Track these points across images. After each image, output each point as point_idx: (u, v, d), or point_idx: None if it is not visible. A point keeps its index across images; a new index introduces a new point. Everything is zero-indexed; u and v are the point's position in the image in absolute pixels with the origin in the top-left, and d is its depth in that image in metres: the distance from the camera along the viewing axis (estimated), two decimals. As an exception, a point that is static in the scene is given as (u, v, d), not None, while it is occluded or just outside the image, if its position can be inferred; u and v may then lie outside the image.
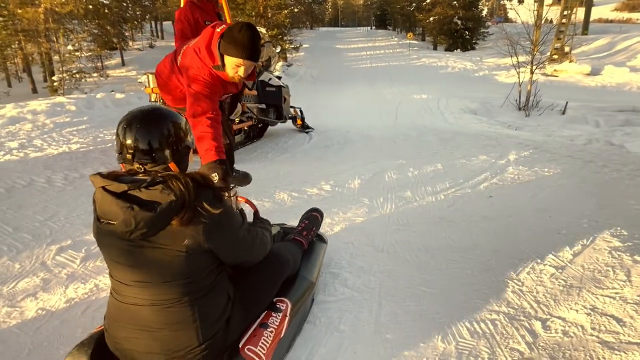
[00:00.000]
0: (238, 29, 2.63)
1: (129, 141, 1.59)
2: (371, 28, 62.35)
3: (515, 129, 10.62)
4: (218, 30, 2.77)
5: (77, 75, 17.77)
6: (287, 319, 1.90)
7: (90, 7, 21.98)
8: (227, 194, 1.74)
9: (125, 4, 26.81)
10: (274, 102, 6.97)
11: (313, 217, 2.61)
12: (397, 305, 2.23)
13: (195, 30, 4.88)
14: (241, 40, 2.62)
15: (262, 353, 1.71)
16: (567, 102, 15.14)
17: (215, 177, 2.34)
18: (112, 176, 1.56)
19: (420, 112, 12.76)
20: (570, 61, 26.43)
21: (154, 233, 1.53)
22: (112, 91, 12.55)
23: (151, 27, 40.71)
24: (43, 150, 5.43)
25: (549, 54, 26.11)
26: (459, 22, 35.35)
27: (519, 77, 15.54)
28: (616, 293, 2.31)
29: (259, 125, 6.95)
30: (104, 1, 23.02)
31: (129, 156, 1.59)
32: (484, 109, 14.76)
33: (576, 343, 1.97)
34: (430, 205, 3.52)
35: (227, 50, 2.66)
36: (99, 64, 23.06)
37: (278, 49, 7.83)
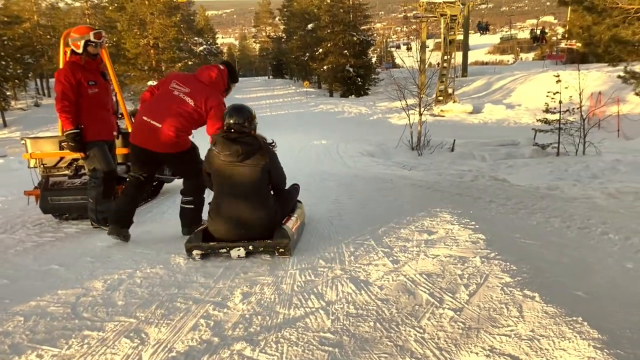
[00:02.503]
0: (233, 67, 4.56)
1: (232, 121, 3.58)
2: (269, 77, 63.53)
3: (409, 169, 11.13)
4: (222, 68, 4.36)
5: (-52, 141, 16.20)
6: (299, 222, 4.02)
7: (-37, 66, 20.39)
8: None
9: (4, 62, 25.16)
10: (169, 159, 6.73)
11: (294, 189, 4.38)
12: (301, 371, 2.12)
13: (77, 91, 4.62)
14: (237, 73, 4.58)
15: (292, 228, 3.71)
16: (454, 140, 16.23)
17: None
18: (228, 131, 3.58)
19: (320, 157, 13.00)
20: (454, 101, 28.55)
21: (247, 158, 3.52)
22: (-10, 156, 11.54)
23: (36, 84, 38.53)
24: None
25: (434, 95, 28.09)
26: (351, 69, 37.10)
27: (409, 119, 16.46)
28: (511, 330, 2.37)
29: (154, 184, 6.66)
30: (-21, 60, 21.45)
31: (234, 129, 3.57)
32: (380, 150, 15.38)
33: (479, 389, 1.96)
34: (332, 257, 3.48)
35: (234, 79, 4.46)
36: (-25, 127, 21.24)
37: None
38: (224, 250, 3.57)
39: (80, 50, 4.70)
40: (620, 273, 3.17)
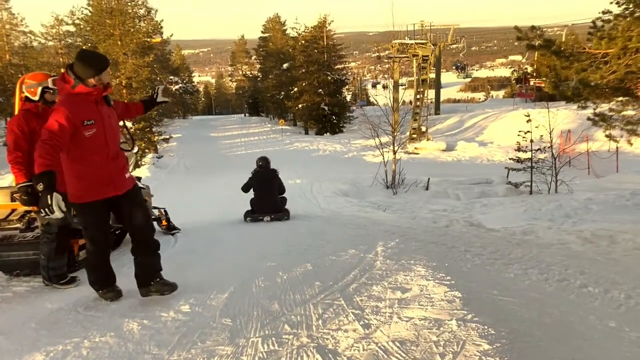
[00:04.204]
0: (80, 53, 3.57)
1: (261, 163, 8.91)
2: (245, 115, 63.74)
3: (384, 210, 10.99)
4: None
5: None
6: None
7: None
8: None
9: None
10: (133, 206, 6.43)
11: (285, 196, 9.00)
12: None
13: (31, 141, 4.36)
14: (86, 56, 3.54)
15: (289, 210, 8.81)
16: (429, 178, 16.22)
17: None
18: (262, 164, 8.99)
19: (294, 197, 12.74)
20: (428, 139, 28.89)
21: (271, 178, 8.75)
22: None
23: (6, 123, 37.75)
24: None
25: (408, 133, 28.40)
26: (326, 107, 37.46)
27: (383, 158, 16.45)
28: (492, 412, 2.15)
29: (116, 233, 6.33)
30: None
31: (264, 165, 8.94)
32: (355, 189, 15.25)
33: None
34: (299, 320, 3.23)
35: (80, 70, 3.41)
36: None
37: (135, 149, 7.38)
38: (261, 218, 8.27)
39: (36, 98, 4.46)
40: (603, 334, 3.00)
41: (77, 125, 3.36)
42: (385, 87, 49.17)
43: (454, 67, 60.22)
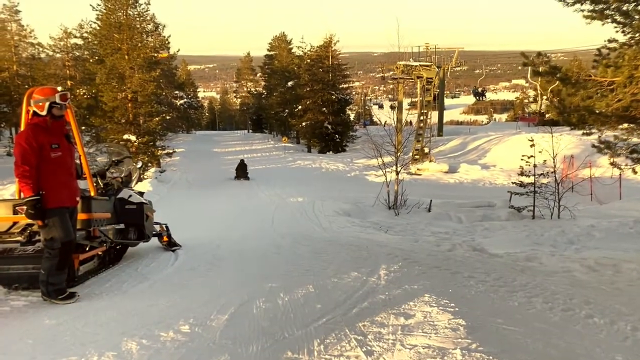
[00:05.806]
0: None
1: (242, 160, 25.00)
2: (248, 131, 63.96)
3: (386, 231, 10.94)
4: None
5: None
6: None
7: None
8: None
9: (-22, 111, 24.74)
10: (135, 221, 6.41)
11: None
12: None
13: (39, 155, 4.35)
14: None
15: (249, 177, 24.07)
16: (431, 200, 16.19)
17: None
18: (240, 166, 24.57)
19: (295, 216, 12.75)
20: (430, 160, 28.90)
21: (245, 165, 24.67)
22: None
23: (11, 133, 38.00)
24: None
25: (411, 154, 28.42)
26: (330, 126, 37.58)
27: (385, 178, 16.43)
28: None
29: (117, 248, 6.30)
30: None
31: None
32: (357, 209, 15.20)
33: None
34: (300, 345, 3.17)
35: None
36: (-60, 176, 20.53)
37: (139, 164, 7.39)
38: (239, 179, 23.97)
39: (44, 113, 4.45)
40: (610, 368, 2.94)
41: None
42: (393, 107, 49.43)
43: (472, 93, 60.40)
